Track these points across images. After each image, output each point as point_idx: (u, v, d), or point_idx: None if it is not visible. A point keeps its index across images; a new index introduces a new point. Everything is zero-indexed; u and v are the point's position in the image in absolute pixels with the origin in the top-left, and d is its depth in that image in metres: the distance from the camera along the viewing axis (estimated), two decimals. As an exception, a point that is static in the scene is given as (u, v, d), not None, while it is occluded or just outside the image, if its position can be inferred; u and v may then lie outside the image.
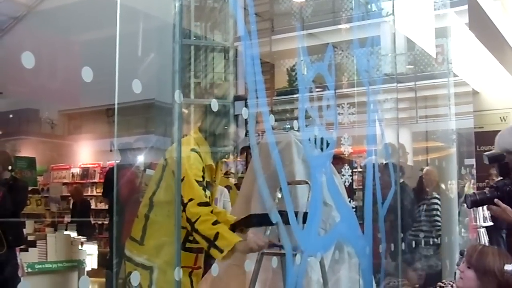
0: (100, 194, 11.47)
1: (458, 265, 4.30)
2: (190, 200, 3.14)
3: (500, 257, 3.12)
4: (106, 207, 10.42)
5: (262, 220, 3.39)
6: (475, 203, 3.44)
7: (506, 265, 2.92)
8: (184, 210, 3.11)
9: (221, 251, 3.12)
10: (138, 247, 3.34)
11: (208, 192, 3.33)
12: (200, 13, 3.95)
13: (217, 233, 3.14)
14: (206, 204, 3.23)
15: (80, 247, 8.02)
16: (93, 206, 12.33)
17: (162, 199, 3.33)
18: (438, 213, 6.78)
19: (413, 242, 6.28)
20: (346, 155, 4.57)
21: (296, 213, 3.50)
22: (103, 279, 7.33)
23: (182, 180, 3.11)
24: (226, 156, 3.59)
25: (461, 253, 4.32)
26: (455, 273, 4.46)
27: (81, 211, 10.44)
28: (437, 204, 6.89)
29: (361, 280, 4.45)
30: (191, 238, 3.30)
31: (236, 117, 3.47)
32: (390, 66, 5.68)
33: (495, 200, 3.32)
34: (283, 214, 3.35)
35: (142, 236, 3.33)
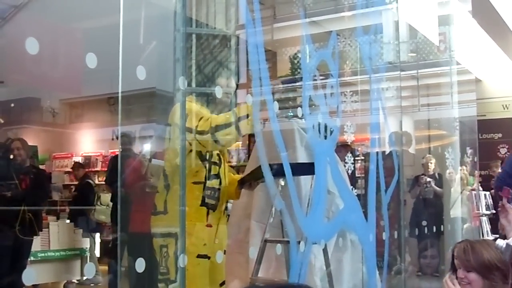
0: (103, 182, 11.47)
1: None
2: (201, 119, 3.24)
3: (491, 247, 3.10)
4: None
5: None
6: None
7: (498, 239, 2.89)
8: (197, 132, 3.21)
9: (247, 116, 3.19)
10: (163, 217, 3.40)
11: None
12: (202, 1, 3.94)
13: (234, 110, 3.27)
14: None
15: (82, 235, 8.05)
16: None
17: (171, 167, 3.41)
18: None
19: (416, 230, 6.29)
20: (349, 143, 4.57)
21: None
22: (106, 267, 7.37)
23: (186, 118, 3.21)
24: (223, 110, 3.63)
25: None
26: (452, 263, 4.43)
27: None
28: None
29: (364, 268, 4.45)
30: (208, 192, 3.42)
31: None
32: (392, 54, 5.66)
33: None
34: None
35: (165, 206, 3.38)
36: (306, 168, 3.75)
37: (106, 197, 8.21)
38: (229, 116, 3.26)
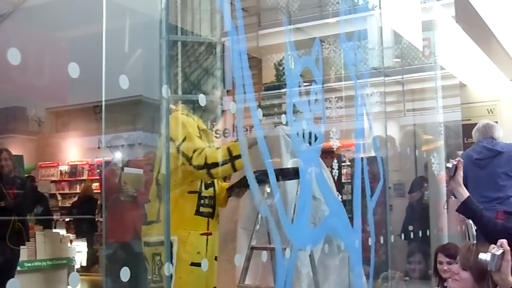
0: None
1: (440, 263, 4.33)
2: (195, 151, 3.28)
3: None
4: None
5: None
6: None
7: (480, 253, 2.88)
8: (191, 164, 3.26)
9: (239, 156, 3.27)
10: (156, 226, 3.40)
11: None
12: (187, 9, 3.94)
13: (228, 148, 3.32)
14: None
15: (69, 244, 8.02)
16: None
17: (163, 176, 3.40)
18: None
19: (402, 235, 6.31)
20: (335, 149, 4.58)
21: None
22: (93, 277, 7.33)
23: (183, 140, 3.28)
24: (215, 122, 3.68)
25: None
26: (435, 268, 4.49)
27: (89, 208, 10.37)
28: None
29: (351, 273, 4.46)
30: (202, 201, 3.43)
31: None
32: (377, 59, 5.69)
33: None
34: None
35: (158, 215, 3.38)
36: (291, 173, 3.77)
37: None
38: (224, 152, 3.31)
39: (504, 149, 6.15)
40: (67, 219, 11.16)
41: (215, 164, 3.27)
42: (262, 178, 3.33)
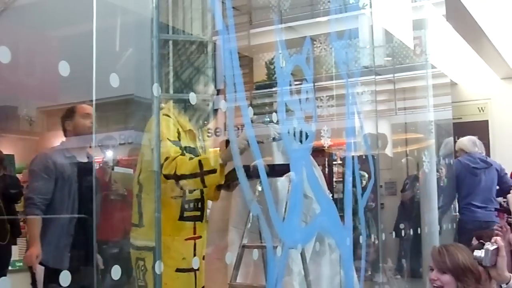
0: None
1: None
2: (166, 159, 3.16)
3: (465, 251, 3.16)
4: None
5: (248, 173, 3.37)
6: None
7: (475, 251, 2.92)
8: (162, 172, 3.10)
9: (214, 171, 3.15)
10: (138, 230, 3.36)
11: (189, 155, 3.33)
12: (178, 7, 3.94)
13: (199, 161, 3.18)
14: (181, 154, 3.26)
15: (61, 244, 7.98)
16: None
17: (146, 176, 3.34)
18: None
19: (393, 233, 6.33)
20: (326, 148, 4.59)
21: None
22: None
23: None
24: (206, 121, 3.63)
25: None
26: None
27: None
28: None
29: (342, 271, 4.47)
30: (186, 206, 3.37)
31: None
32: (368, 58, 5.70)
33: None
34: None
35: (139, 218, 3.35)
36: (281, 169, 3.74)
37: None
38: (195, 165, 3.19)
39: (492, 163, 7.19)
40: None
41: (184, 176, 3.16)
42: (251, 173, 3.30)
